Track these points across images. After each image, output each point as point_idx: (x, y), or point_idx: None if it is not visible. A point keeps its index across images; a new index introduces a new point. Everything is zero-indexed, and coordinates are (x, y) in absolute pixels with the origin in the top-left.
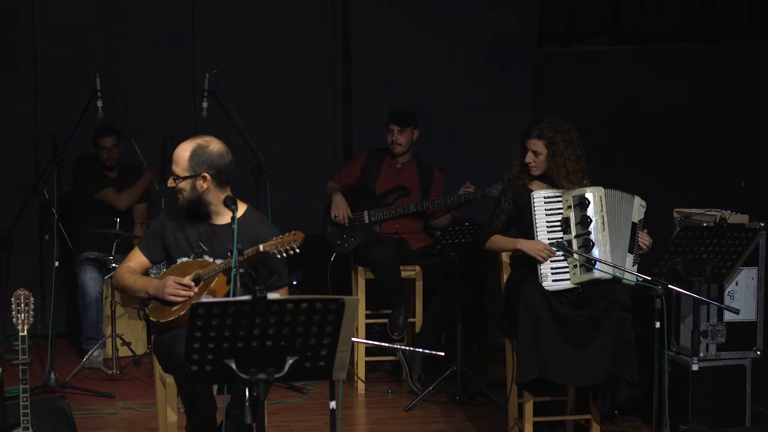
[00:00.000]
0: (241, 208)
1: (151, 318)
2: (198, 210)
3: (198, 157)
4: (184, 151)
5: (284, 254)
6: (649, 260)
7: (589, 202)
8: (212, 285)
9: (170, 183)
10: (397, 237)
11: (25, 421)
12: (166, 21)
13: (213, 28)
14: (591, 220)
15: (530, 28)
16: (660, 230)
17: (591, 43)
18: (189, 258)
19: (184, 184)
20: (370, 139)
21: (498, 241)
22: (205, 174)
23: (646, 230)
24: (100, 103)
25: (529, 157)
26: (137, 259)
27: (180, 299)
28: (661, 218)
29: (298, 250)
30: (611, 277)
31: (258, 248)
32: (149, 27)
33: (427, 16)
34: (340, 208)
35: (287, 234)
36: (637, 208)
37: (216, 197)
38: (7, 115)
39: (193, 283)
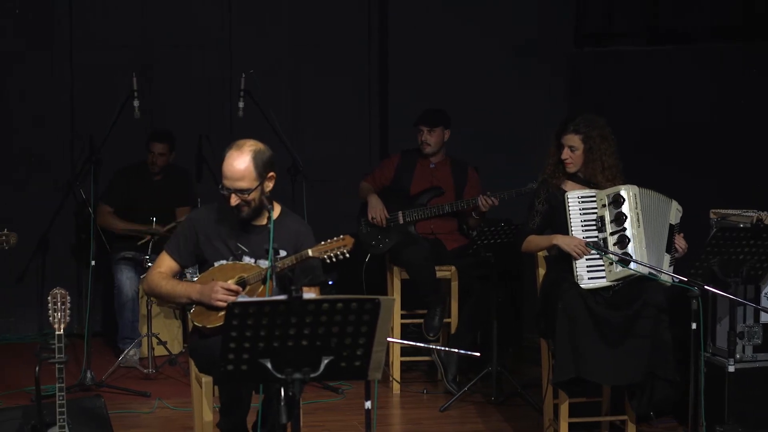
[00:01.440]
0: (276, 209)
1: (195, 322)
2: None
3: (260, 162)
4: (243, 163)
5: (333, 259)
6: (685, 261)
7: (623, 200)
8: (259, 291)
9: (235, 200)
10: (432, 237)
11: (61, 420)
12: (203, 21)
13: (249, 27)
14: (626, 217)
15: (567, 28)
16: (696, 231)
17: (628, 43)
18: (228, 261)
19: (254, 194)
20: (407, 138)
21: (534, 240)
22: (272, 173)
23: (682, 234)
24: (136, 103)
25: (566, 153)
26: (167, 263)
27: (221, 304)
28: (697, 219)
29: (348, 255)
30: (647, 272)
31: (306, 253)
32: (185, 27)
33: (463, 16)
34: (377, 209)
35: (336, 239)
36: (674, 211)
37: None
38: (44, 115)
39: (240, 288)
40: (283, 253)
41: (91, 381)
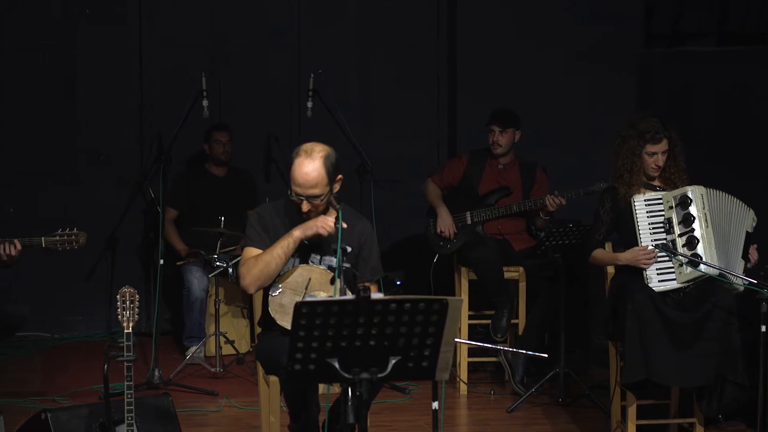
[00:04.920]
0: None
1: (270, 309)
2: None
3: (330, 166)
4: (315, 170)
5: None
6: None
7: (690, 201)
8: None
9: (306, 207)
10: (500, 238)
11: (129, 418)
12: (272, 21)
13: (318, 27)
14: (694, 218)
15: (636, 28)
16: (764, 235)
17: (697, 44)
18: (294, 258)
19: (325, 199)
20: (475, 138)
21: (599, 257)
22: (340, 176)
23: (755, 246)
24: (205, 103)
25: (660, 160)
26: (255, 254)
27: (329, 229)
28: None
29: None
30: (718, 272)
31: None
32: (255, 26)
33: (532, 17)
34: (447, 224)
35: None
36: (750, 220)
37: None
38: (114, 114)
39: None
40: (348, 249)
41: (158, 379)
